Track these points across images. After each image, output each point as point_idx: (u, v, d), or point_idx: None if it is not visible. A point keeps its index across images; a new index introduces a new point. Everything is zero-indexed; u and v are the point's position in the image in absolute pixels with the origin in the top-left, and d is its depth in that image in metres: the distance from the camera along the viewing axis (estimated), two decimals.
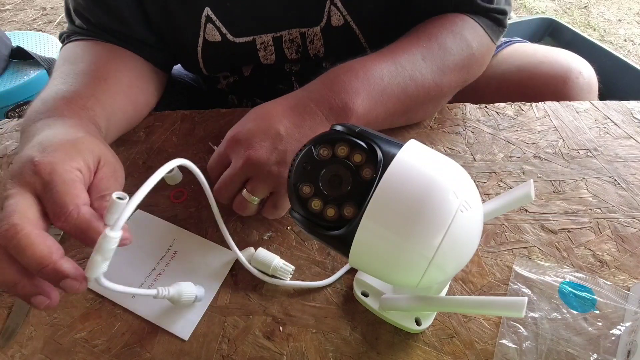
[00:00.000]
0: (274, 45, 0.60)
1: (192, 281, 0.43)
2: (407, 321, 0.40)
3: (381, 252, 0.30)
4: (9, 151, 0.60)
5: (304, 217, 0.32)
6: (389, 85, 0.48)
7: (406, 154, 0.30)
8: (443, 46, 0.52)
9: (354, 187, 0.31)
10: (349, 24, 0.58)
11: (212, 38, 0.59)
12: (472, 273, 0.44)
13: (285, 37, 0.60)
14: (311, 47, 0.61)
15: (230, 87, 0.71)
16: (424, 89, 0.51)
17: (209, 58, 0.62)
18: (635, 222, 0.47)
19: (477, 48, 0.55)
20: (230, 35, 0.59)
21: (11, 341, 0.42)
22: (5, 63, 1.45)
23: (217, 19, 0.57)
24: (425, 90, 0.51)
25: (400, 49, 0.51)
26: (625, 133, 0.56)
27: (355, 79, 0.46)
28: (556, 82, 0.64)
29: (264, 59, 0.62)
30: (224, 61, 0.64)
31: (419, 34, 0.53)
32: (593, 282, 0.43)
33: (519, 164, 0.53)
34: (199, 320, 0.42)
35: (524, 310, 0.29)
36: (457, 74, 0.54)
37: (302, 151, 0.33)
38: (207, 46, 0.60)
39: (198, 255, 0.47)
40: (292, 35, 0.60)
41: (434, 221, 0.29)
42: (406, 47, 0.51)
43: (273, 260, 0.44)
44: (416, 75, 0.50)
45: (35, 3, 2.63)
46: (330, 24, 0.58)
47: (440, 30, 0.53)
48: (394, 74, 0.49)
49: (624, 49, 2.11)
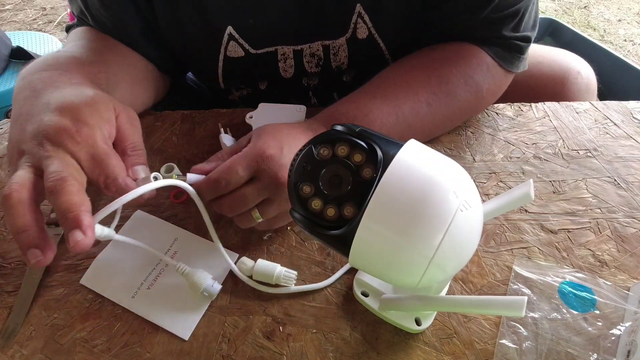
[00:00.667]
0: (294, 58, 0.60)
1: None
2: (407, 321, 0.40)
3: (381, 251, 0.30)
4: None
5: (304, 217, 0.32)
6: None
7: (406, 153, 0.30)
8: (452, 93, 0.52)
9: (354, 186, 0.31)
10: (373, 36, 0.57)
11: (234, 54, 0.58)
12: (472, 273, 0.44)
13: (306, 50, 0.59)
14: (335, 59, 0.60)
15: (243, 99, 0.70)
16: (424, 134, 0.53)
17: (229, 73, 0.62)
18: (635, 222, 0.47)
19: (487, 89, 0.54)
20: (252, 49, 0.58)
21: (11, 341, 0.42)
22: (5, 63, 1.45)
23: (240, 37, 0.57)
24: (424, 135, 0.54)
25: (405, 93, 0.51)
26: (625, 133, 0.56)
27: None
28: (555, 83, 0.64)
29: (283, 71, 0.61)
30: (243, 74, 0.63)
31: (430, 75, 0.52)
32: (593, 282, 0.43)
33: (518, 165, 0.53)
34: (199, 320, 0.42)
35: (523, 310, 0.29)
36: (461, 117, 0.55)
37: (303, 151, 0.33)
38: (228, 61, 0.60)
39: (198, 255, 0.47)
40: (313, 49, 0.59)
41: (434, 221, 0.29)
42: (413, 90, 0.51)
43: (275, 269, 0.44)
44: (416, 125, 0.51)
45: (35, 3, 2.63)
46: (356, 36, 0.57)
47: (453, 71, 0.52)
48: (394, 125, 0.50)
49: (624, 49, 2.11)
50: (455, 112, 0.53)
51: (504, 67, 0.54)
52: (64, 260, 0.48)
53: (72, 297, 0.45)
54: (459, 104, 0.53)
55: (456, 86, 0.52)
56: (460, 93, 0.52)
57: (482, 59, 0.53)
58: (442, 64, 0.53)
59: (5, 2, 2.66)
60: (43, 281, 0.46)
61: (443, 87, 0.51)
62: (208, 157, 0.46)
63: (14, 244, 0.50)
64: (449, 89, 0.51)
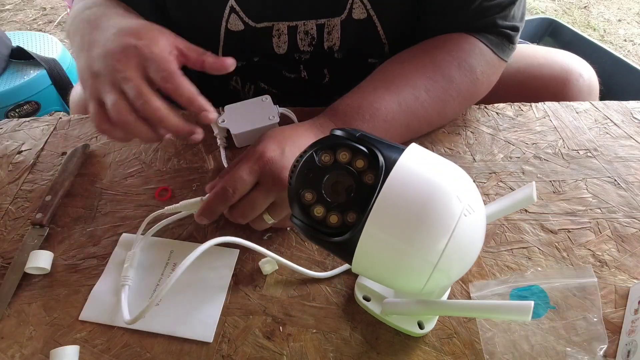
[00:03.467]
0: (288, 34, 0.61)
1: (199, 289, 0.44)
2: (409, 325, 0.40)
3: (385, 258, 0.30)
4: (9, 151, 0.60)
5: (306, 224, 0.32)
6: (392, 126, 0.51)
7: (408, 158, 0.30)
8: (448, 77, 0.53)
9: (357, 193, 0.31)
10: (371, 18, 0.58)
11: (234, 27, 0.60)
12: (472, 273, 0.44)
13: (300, 27, 0.60)
14: (328, 38, 0.61)
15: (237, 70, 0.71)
16: (426, 121, 0.55)
17: (229, 47, 0.63)
18: (635, 222, 0.47)
19: (481, 73, 0.55)
20: (252, 22, 0.60)
21: None
22: (5, 63, 1.45)
23: (241, 10, 0.58)
24: (427, 122, 0.55)
25: (404, 81, 0.52)
26: (625, 133, 0.56)
27: (362, 122, 0.50)
28: (556, 84, 0.64)
29: (277, 47, 0.62)
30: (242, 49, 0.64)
31: (425, 62, 0.54)
32: (543, 275, 0.43)
33: (518, 164, 0.53)
34: (217, 320, 0.42)
35: (530, 314, 0.29)
36: (460, 102, 0.56)
37: (303, 157, 0.33)
38: (229, 36, 0.61)
39: (198, 262, 0.46)
40: (307, 27, 0.60)
41: (438, 226, 0.29)
42: (411, 77, 0.53)
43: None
44: (419, 112, 0.53)
45: (35, 3, 2.63)
46: (352, 17, 0.58)
47: (447, 58, 0.54)
48: (397, 113, 0.51)
49: (624, 49, 2.11)
50: (453, 96, 0.54)
51: (496, 54, 0.56)
52: (64, 260, 0.48)
53: (72, 297, 0.45)
54: (456, 88, 0.54)
55: (450, 69, 0.53)
56: (455, 76, 0.53)
57: (474, 44, 0.55)
58: (436, 51, 0.55)
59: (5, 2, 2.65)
60: (43, 281, 0.46)
61: (438, 71, 0.53)
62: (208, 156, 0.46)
63: (13, 244, 0.50)
64: (444, 72, 0.53)
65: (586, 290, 0.42)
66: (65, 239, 0.50)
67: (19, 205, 0.53)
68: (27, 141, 0.61)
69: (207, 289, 0.44)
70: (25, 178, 0.56)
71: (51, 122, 0.63)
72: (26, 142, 0.61)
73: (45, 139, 0.61)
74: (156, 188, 0.53)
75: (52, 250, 0.48)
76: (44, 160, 0.59)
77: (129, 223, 0.51)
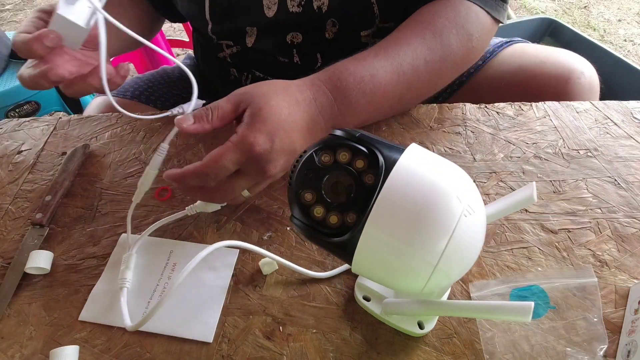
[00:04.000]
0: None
1: (199, 289, 0.44)
2: (409, 325, 0.40)
3: (385, 258, 0.30)
4: (9, 151, 0.60)
5: (306, 224, 0.32)
6: (386, 100, 0.52)
7: (408, 158, 0.30)
8: (446, 45, 0.53)
9: (357, 193, 0.31)
10: None
11: None
12: (472, 273, 0.44)
13: None
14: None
15: (232, 58, 0.71)
16: (419, 94, 0.56)
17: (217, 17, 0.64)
18: (635, 222, 0.47)
19: (477, 39, 0.56)
20: None
21: None
22: (5, 63, 1.45)
23: None
24: (419, 95, 0.56)
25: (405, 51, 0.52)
26: (626, 133, 0.56)
27: (363, 96, 0.50)
28: (557, 83, 0.64)
29: (267, 8, 0.61)
30: (229, 12, 0.64)
31: (425, 30, 0.54)
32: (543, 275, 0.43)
33: (519, 164, 0.53)
34: (217, 320, 0.42)
35: (530, 315, 0.29)
36: (454, 72, 0.57)
37: (303, 157, 0.33)
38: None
39: (198, 263, 0.46)
40: None
41: (438, 226, 0.29)
42: (412, 47, 0.53)
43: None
44: (414, 84, 0.53)
45: (35, 3, 2.63)
46: None
47: (445, 23, 0.54)
48: (395, 86, 0.52)
49: (624, 49, 2.11)
50: (448, 67, 0.55)
51: (491, 15, 0.56)
52: (64, 260, 0.48)
53: (72, 297, 0.45)
54: (453, 57, 0.54)
55: (449, 37, 0.54)
56: (453, 44, 0.54)
57: (470, 7, 0.55)
58: (434, 17, 0.55)
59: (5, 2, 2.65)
60: (43, 281, 0.46)
61: (438, 40, 0.53)
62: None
63: (13, 244, 0.50)
64: (443, 41, 0.53)
65: (586, 290, 0.42)
66: (65, 239, 0.50)
67: (19, 205, 0.53)
68: (27, 141, 0.61)
69: (207, 289, 0.44)
70: (25, 178, 0.56)
71: (51, 122, 0.63)
72: (26, 142, 0.61)
73: (45, 139, 0.61)
74: (156, 188, 0.53)
75: (52, 250, 0.48)
76: (44, 160, 0.59)
77: None
